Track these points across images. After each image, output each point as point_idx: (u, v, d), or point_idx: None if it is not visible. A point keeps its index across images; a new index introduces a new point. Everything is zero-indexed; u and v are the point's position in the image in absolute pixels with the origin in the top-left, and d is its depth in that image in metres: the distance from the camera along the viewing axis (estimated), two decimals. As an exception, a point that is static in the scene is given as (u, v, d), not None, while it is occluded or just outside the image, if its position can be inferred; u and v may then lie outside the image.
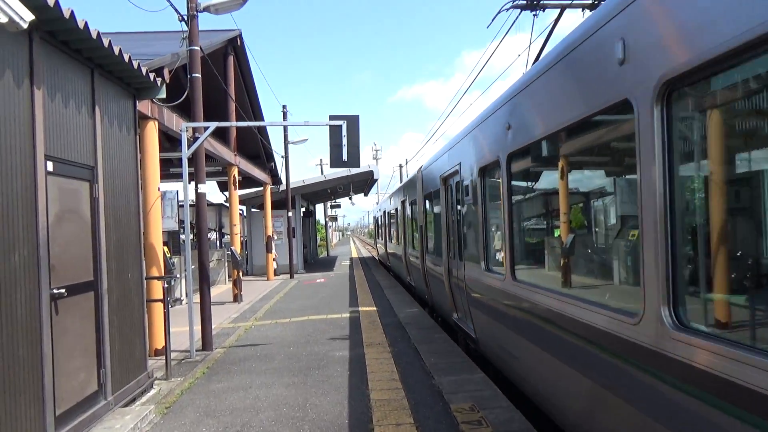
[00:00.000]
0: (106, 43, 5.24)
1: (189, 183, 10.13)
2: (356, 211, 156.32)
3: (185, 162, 8.62)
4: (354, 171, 23.41)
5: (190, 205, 23.97)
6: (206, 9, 8.97)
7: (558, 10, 6.45)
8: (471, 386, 6.15)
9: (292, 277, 22.24)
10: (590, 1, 6.57)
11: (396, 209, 18.38)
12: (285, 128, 22.34)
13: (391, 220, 20.73)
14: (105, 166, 5.76)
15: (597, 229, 4.42)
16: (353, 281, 19.73)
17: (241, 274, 15.48)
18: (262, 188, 22.02)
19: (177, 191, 16.19)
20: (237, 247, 15.91)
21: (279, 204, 23.81)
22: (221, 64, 14.84)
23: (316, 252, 38.70)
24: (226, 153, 14.97)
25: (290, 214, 22.63)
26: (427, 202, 11.64)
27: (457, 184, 8.19)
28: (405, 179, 25.97)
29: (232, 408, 5.94)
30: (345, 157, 8.56)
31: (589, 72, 3.69)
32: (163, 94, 6.83)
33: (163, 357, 7.49)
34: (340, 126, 8.49)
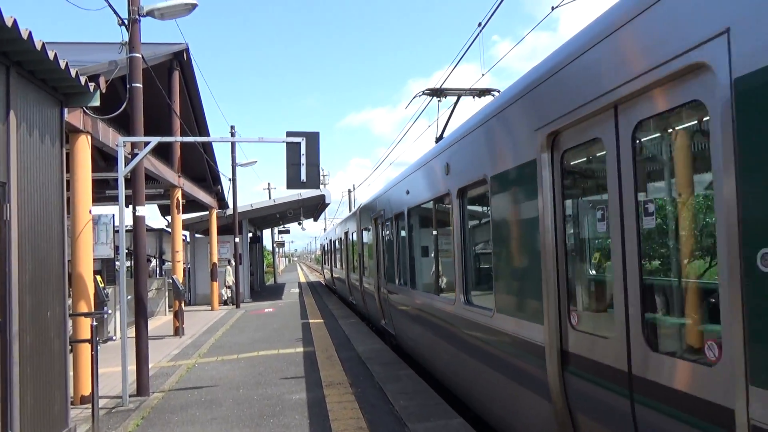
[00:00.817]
0: (25, 35, 4.38)
1: (126, 206, 9.14)
2: (303, 237, 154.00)
3: (121, 181, 7.65)
4: (305, 195, 22.61)
5: (127, 230, 22.29)
6: (149, 13, 8.13)
7: (456, 96, 8.87)
8: (450, 435, 5.44)
9: (238, 306, 21.00)
10: (478, 92, 8.69)
11: (340, 239, 21.20)
12: (233, 150, 21.38)
13: (336, 249, 23.39)
14: (20, 182, 4.81)
15: (442, 258, 7.43)
16: (304, 311, 18.74)
17: (183, 304, 14.28)
18: (207, 212, 20.83)
19: (113, 215, 14.97)
20: (179, 275, 14.71)
21: (224, 229, 22.62)
22: (165, 79, 13.87)
23: (263, 279, 37.27)
24: (169, 174, 13.89)
25: (237, 239, 21.49)
26: (364, 234, 14.56)
27: (382, 224, 11.30)
28: (354, 204, 31.64)
29: (171, 471, 4.99)
30: (303, 177, 7.82)
31: (437, 173, 7.00)
32: (96, 102, 5.93)
33: (90, 405, 6.43)
34: (299, 143, 7.77)
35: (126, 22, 8.02)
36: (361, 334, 12.53)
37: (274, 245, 47.40)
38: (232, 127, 21.50)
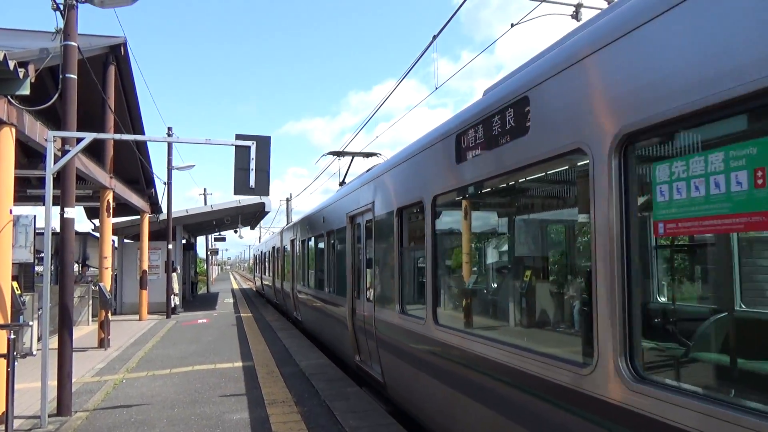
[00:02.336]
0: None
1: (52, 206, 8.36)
2: (237, 245, 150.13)
3: (49, 180, 6.96)
4: (244, 202, 21.89)
5: (53, 233, 20.84)
6: (88, 0, 7.52)
7: (351, 156, 13.19)
8: (406, 458, 5.20)
9: (168, 317, 19.94)
10: (366, 154, 12.99)
11: (269, 252, 26.01)
12: (169, 152, 20.40)
13: (266, 260, 28.42)
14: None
15: (324, 269, 11.59)
16: (240, 322, 18.03)
17: (109, 314, 13.35)
18: (138, 217, 19.74)
19: (34, 216, 13.87)
20: (107, 283, 13.75)
21: (156, 235, 21.53)
22: (100, 74, 13.01)
23: (196, 289, 35.81)
24: (101, 174, 13.00)
25: (170, 246, 20.47)
26: (285, 250, 19.45)
27: (296, 244, 16.41)
28: (291, 213, 43.52)
29: (99, 505, 4.47)
30: (252, 183, 7.43)
31: (321, 220, 12.00)
32: (26, 90, 5.36)
33: (4, 426, 5.75)
34: (248, 147, 7.39)
35: (61, 7, 7.39)
36: (302, 348, 12.10)
37: (208, 253, 45.75)
38: (170, 129, 20.54)
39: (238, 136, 7.45)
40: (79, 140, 7.39)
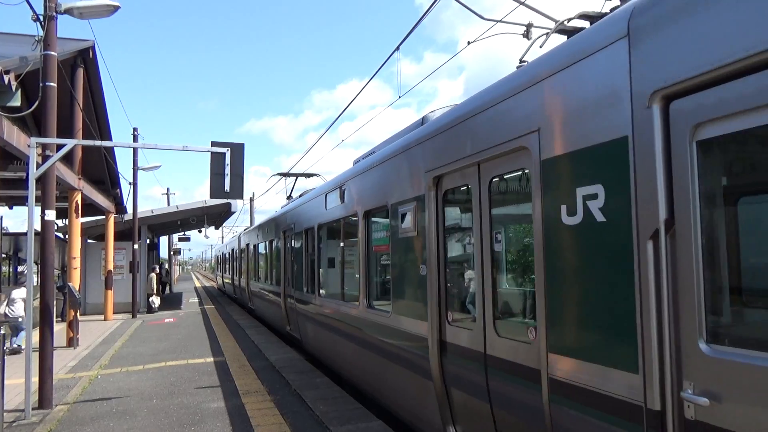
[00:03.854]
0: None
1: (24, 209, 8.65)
2: (198, 245, 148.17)
3: (32, 183, 7.31)
4: (210, 202, 22.13)
5: (16, 234, 20.74)
6: (68, 11, 7.86)
7: (295, 177, 16.36)
8: (372, 436, 5.81)
9: (134, 316, 20.04)
10: (307, 175, 16.15)
11: (229, 253, 30.15)
12: (135, 153, 20.50)
13: (226, 260, 32.65)
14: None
15: (270, 267, 15.08)
16: (208, 320, 18.31)
17: (78, 314, 13.52)
18: (103, 217, 19.76)
19: (0, 217, 13.93)
20: (75, 283, 13.91)
21: (119, 235, 21.53)
22: (69, 77, 13.18)
23: (166, 289, 35.53)
24: (70, 176, 13.18)
25: (136, 246, 20.55)
26: (242, 252, 22.41)
27: (250, 247, 20.04)
28: (254, 213, 47.25)
29: (94, 481, 4.92)
30: (227, 187, 7.92)
31: (267, 230, 15.77)
32: (17, 102, 5.73)
33: (-10, 420, 6.10)
34: (224, 154, 7.87)
35: (41, 18, 7.70)
36: (271, 343, 12.57)
37: (171, 253, 45.34)
38: (135, 129, 20.61)
39: (214, 143, 7.92)
40: (59, 146, 7.74)
